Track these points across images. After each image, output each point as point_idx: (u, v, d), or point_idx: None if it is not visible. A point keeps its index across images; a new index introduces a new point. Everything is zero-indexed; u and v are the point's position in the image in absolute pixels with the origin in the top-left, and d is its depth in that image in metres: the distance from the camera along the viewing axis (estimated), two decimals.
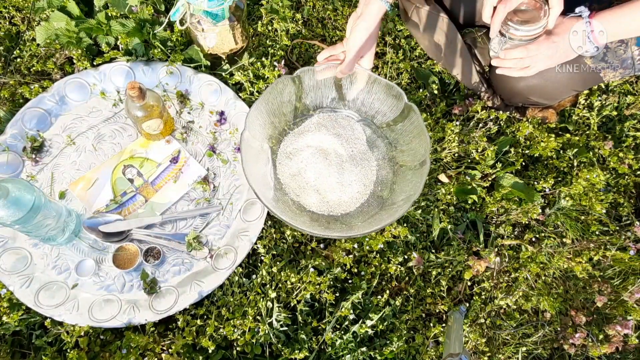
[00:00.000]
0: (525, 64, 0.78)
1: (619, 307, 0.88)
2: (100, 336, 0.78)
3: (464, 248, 0.91)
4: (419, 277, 0.89)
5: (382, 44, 1.07)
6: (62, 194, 0.86)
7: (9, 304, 0.77)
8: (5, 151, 0.85)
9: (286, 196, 0.83)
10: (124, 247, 0.82)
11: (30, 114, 0.88)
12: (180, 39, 0.94)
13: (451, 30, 0.90)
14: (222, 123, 0.93)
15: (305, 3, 1.11)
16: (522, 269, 0.89)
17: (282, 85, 0.80)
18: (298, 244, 0.88)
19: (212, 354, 0.78)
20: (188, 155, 0.90)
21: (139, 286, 0.80)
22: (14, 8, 1.03)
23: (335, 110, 0.90)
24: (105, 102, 0.92)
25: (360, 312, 0.84)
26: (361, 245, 0.87)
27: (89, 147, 0.89)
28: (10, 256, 0.80)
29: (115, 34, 0.93)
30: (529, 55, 0.76)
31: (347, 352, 0.80)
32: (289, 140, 0.87)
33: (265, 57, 0.99)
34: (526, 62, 0.78)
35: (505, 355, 0.87)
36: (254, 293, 0.81)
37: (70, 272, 0.80)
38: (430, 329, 0.85)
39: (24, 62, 0.96)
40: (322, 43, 1.05)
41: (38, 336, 0.78)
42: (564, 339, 0.87)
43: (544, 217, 0.94)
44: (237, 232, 0.85)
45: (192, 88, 0.94)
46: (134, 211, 0.85)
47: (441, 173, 0.96)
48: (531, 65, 0.78)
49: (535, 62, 0.78)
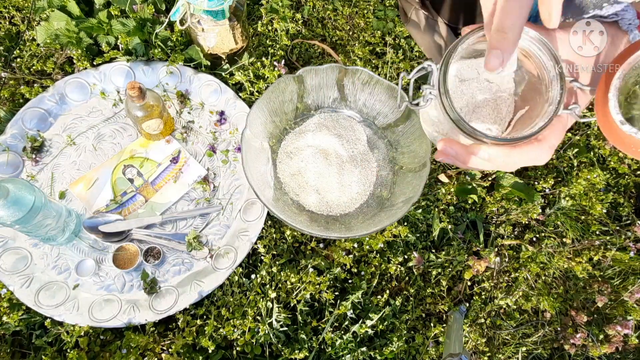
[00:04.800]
0: (486, 168, 0.45)
1: (619, 307, 0.88)
2: (100, 336, 0.78)
3: (464, 248, 0.91)
4: (419, 277, 0.89)
5: (382, 44, 1.07)
6: (62, 194, 0.86)
7: (9, 304, 0.77)
8: (5, 151, 0.85)
9: (286, 196, 0.83)
10: (124, 247, 0.82)
11: (30, 114, 0.88)
12: (181, 38, 0.94)
13: (449, 32, 0.90)
14: (222, 123, 0.93)
15: (305, 3, 1.11)
16: (522, 269, 0.89)
17: (284, 84, 0.80)
18: (298, 244, 0.88)
19: (212, 354, 0.78)
20: (188, 155, 0.90)
21: (139, 286, 0.80)
22: (14, 8, 1.02)
23: (336, 110, 0.90)
24: (105, 102, 0.92)
25: (360, 312, 0.84)
26: (361, 245, 0.87)
27: (89, 147, 0.89)
28: (10, 256, 0.80)
29: (115, 33, 0.93)
30: (498, 165, 0.42)
31: (347, 352, 0.80)
32: (290, 140, 0.87)
33: (265, 57, 0.99)
34: (487, 167, 0.44)
35: (505, 355, 0.87)
36: (253, 293, 0.81)
37: (70, 272, 0.80)
38: (430, 329, 0.85)
39: (24, 62, 0.96)
40: (322, 43, 1.05)
41: (38, 336, 0.78)
42: (564, 339, 0.87)
43: (544, 217, 0.94)
44: (237, 232, 0.85)
45: (192, 88, 0.93)
46: (134, 211, 0.85)
47: (441, 173, 0.96)
48: (490, 169, 0.46)
49: (499, 168, 0.44)
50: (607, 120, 0.37)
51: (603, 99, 0.37)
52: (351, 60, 1.03)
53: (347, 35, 1.07)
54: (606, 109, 0.36)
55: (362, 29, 1.08)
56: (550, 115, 0.40)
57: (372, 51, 1.07)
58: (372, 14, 1.09)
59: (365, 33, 1.07)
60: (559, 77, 0.40)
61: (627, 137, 0.36)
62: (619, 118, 0.36)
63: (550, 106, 0.40)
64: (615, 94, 0.36)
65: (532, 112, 0.44)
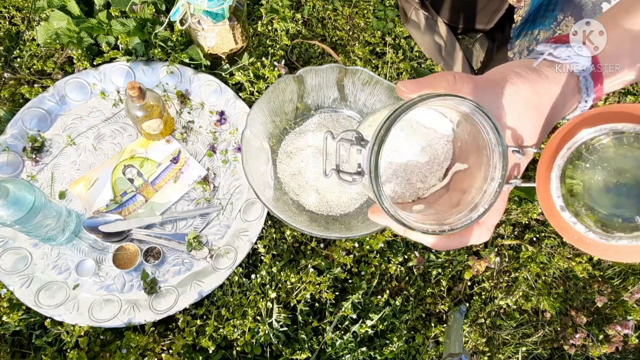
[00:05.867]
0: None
1: (619, 307, 0.88)
2: (100, 336, 0.78)
3: (464, 248, 0.91)
4: (419, 277, 0.89)
5: (382, 44, 1.07)
6: (62, 194, 0.86)
7: (9, 304, 0.77)
8: (5, 151, 0.85)
9: (286, 195, 0.83)
10: (124, 247, 0.82)
11: (30, 114, 0.88)
12: (181, 38, 0.94)
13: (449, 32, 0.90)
14: (222, 123, 0.93)
15: (305, 3, 1.11)
16: (522, 269, 0.89)
17: (284, 84, 0.80)
18: (298, 244, 0.88)
19: (212, 354, 0.78)
20: (188, 155, 0.90)
21: (139, 286, 0.80)
22: (14, 8, 1.02)
23: (336, 110, 0.90)
24: (105, 102, 0.92)
25: (360, 312, 0.84)
26: (361, 245, 0.87)
27: (89, 147, 0.89)
28: (10, 256, 0.80)
29: (115, 33, 0.93)
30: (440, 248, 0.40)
31: (347, 352, 0.80)
32: (290, 140, 0.87)
33: (265, 57, 0.99)
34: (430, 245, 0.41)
35: (505, 355, 0.87)
36: (253, 293, 0.81)
37: (71, 272, 0.80)
38: (430, 329, 0.85)
39: (24, 62, 0.96)
40: (322, 43, 1.05)
41: (38, 336, 0.78)
42: (564, 339, 0.87)
43: (544, 217, 0.94)
44: (237, 232, 0.85)
45: (192, 88, 0.94)
46: (134, 211, 0.85)
47: None
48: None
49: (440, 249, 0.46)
50: (547, 200, 0.34)
51: (545, 177, 0.34)
52: (351, 60, 1.03)
53: (347, 35, 1.07)
54: (548, 190, 0.34)
55: (362, 29, 1.08)
56: (492, 200, 0.37)
57: (372, 51, 1.07)
58: (372, 14, 1.09)
59: (365, 33, 1.07)
60: (502, 156, 0.36)
61: (565, 223, 0.33)
62: (559, 203, 0.33)
63: (491, 183, 0.37)
64: (558, 174, 0.34)
65: (471, 174, 0.41)
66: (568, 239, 0.34)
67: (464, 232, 0.38)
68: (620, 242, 0.31)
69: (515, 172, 0.40)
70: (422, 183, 0.43)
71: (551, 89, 0.38)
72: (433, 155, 0.43)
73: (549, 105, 0.38)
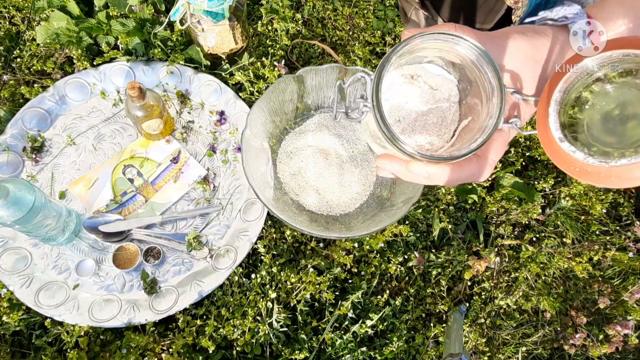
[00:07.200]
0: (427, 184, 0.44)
1: (619, 307, 0.88)
2: (100, 336, 0.78)
3: (464, 248, 0.91)
4: (419, 277, 0.89)
5: (382, 44, 1.07)
6: (62, 194, 0.86)
7: (9, 304, 0.77)
8: (5, 151, 0.85)
9: (286, 196, 0.83)
10: (124, 247, 0.82)
11: (30, 114, 0.88)
12: (180, 38, 0.94)
13: None
14: (222, 123, 0.93)
15: (305, 3, 1.11)
16: (522, 269, 0.89)
17: (284, 84, 0.80)
18: (298, 244, 0.88)
19: (212, 354, 0.78)
20: (188, 155, 0.90)
21: (139, 286, 0.80)
22: (14, 8, 1.02)
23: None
24: (105, 102, 0.92)
25: (360, 312, 0.84)
26: (361, 245, 0.87)
27: (89, 147, 0.89)
28: (10, 256, 0.80)
29: (115, 33, 0.93)
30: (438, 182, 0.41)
31: (347, 352, 0.80)
32: (290, 140, 0.87)
33: (265, 57, 0.99)
34: (428, 183, 0.42)
35: (505, 355, 0.87)
36: (253, 293, 0.81)
37: (70, 272, 0.80)
38: (430, 329, 0.85)
39: (24, 62, 0.96)
40: (322, 43, 1.05)
41: (38, 336, 0.78)
42: (564, 339, 0.87)
43: (544, 217, 0.94)
44: (237, 232, 0.85)
45: (192, 88, 0.93)
46: (134, 211, 0.85)
47: None
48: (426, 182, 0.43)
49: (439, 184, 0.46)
50: (547, 135, 0.34)
51: (544, 114, 0.34)
52: (351, 60, 1.03)
53: (347, 35, 1.08)
54: (546, 123, 0.34)
55: (362, 29, 1.08)
56: (490, 131, 0.37)
57: (372, 51, 1.07)
58: (372, 14, 1.09)
59: (365, 33, 1.07)
60: (499, 89, 0.37)
61: (565, 155, 0.33)
62: (558, 135, 0.33)
63: (490, 119, 0.37)
64: (555, 108, 0.33)
65: (475, 123, 0.42)
66: (570, 172, 0.34)
67: (464, 163, 0.39)
68: (620, 162, 0.31)
69: (515, 112, 0.41)
70: (431, 145, 0.44)
71: (549, 44, 0.40)
72: (441, 118, 0.44)
73: (548, 58, 0.40)
